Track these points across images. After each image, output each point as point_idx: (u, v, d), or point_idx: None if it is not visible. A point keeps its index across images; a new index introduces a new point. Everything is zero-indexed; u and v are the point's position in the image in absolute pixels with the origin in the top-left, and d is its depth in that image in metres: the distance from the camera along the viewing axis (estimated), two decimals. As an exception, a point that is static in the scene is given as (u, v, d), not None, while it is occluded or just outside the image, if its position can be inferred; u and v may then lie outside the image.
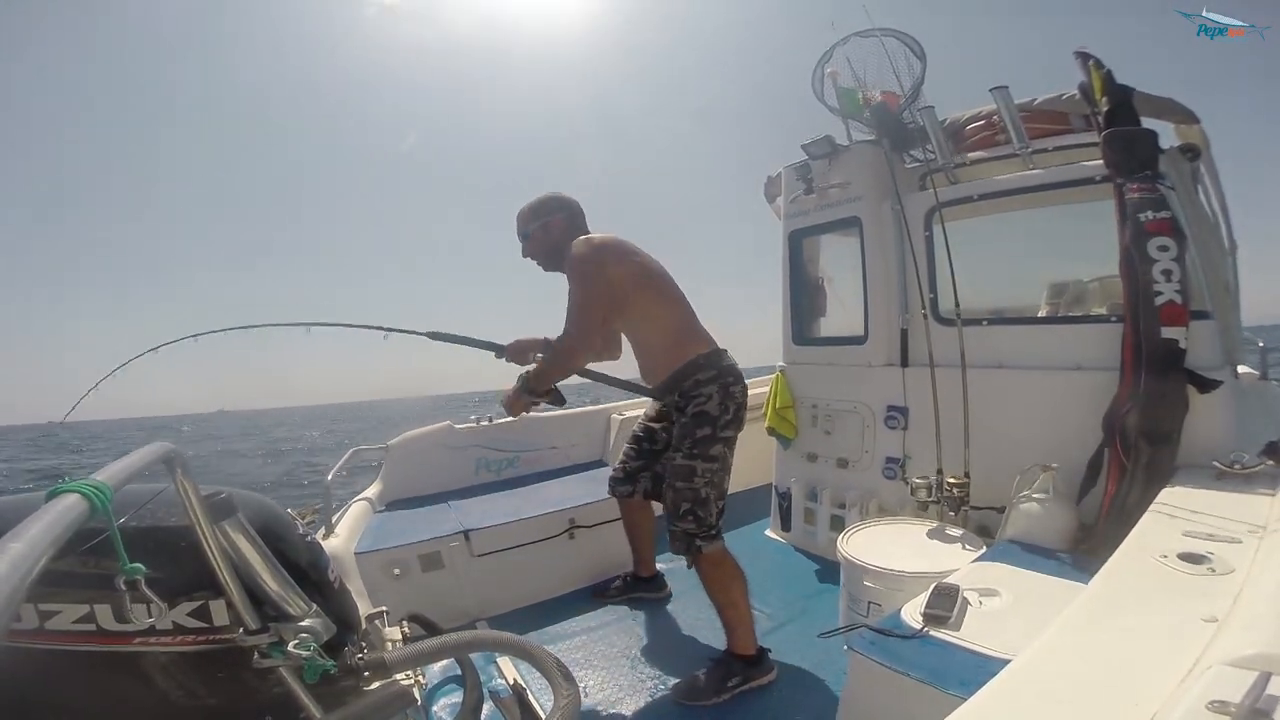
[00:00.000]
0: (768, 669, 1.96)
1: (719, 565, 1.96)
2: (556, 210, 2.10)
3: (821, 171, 2.88)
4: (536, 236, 2.10)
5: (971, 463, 2.29)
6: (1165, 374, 1.86)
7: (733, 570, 1.98)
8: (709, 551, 1.94)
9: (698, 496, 1.92)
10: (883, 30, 2.65)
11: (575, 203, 2.14)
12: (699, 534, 1.93)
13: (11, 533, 0.56)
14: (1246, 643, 0.84)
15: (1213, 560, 1.16)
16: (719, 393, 1.94)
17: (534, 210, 2.11)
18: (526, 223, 2.12)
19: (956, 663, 1.21)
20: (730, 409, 1.96)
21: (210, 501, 1.02)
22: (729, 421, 1.95)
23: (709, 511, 1.93)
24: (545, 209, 2.10)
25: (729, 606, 1.96)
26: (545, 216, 2.10)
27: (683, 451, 1.95)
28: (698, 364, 1.97)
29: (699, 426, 1.93)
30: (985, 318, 2.50)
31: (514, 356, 2.26)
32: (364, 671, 1.19)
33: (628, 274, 1.97)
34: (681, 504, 1.93)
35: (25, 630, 1.02)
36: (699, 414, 1.94)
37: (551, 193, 2.14)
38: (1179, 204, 1.97)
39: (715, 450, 1.93)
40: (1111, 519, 1.88)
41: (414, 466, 3.12)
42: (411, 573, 2.38)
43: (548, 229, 2.09)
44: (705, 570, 1.97)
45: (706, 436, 1.93)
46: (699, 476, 1.92)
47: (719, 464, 1.94)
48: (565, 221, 2.10)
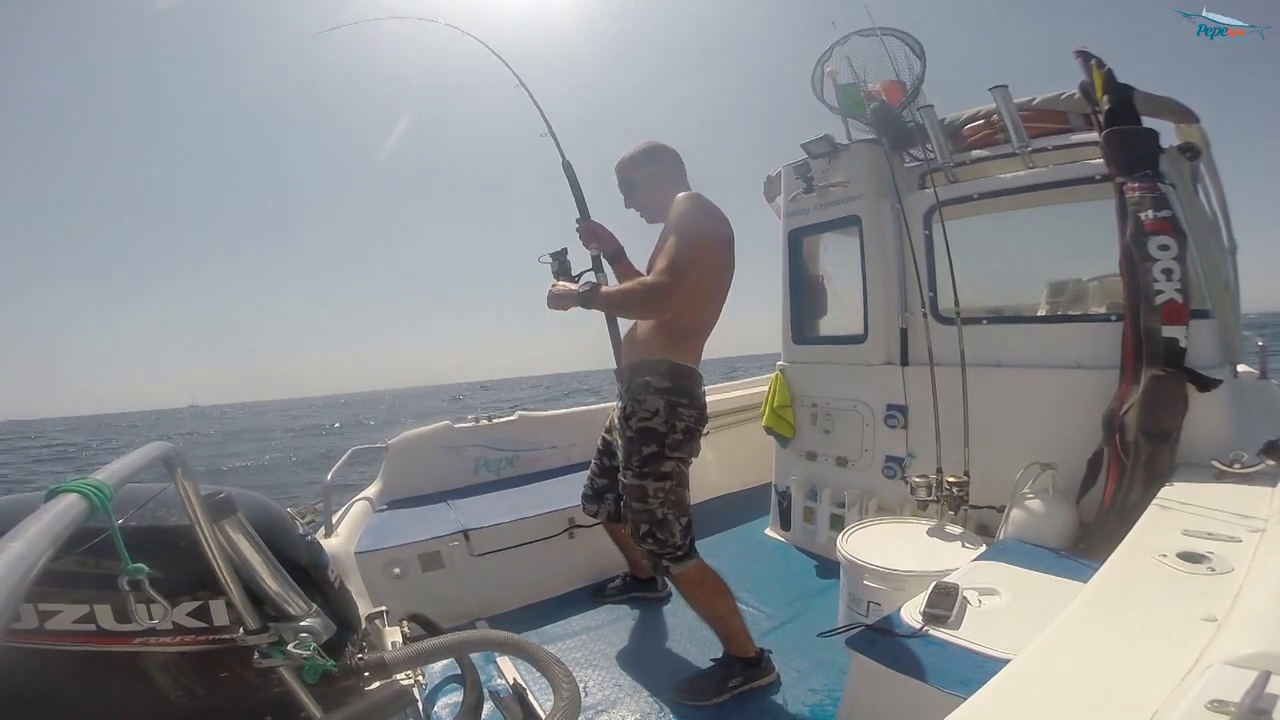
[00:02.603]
0: (768, 670, 1.95)
1: (697, 583, 1.91)
2: (663, 159, 2.02)
3: (821, 170, 2.88)
4: (642, 186, 2.02)
5: (971, 461, 2.29)
6: (1165, 373, 1.85)
7: (712, 585, 1.92)
8: (679, 572, 1.88)
9: (654, 518, 1.84)
10: (883, 29, 2.65)
11: (676, 152, 2.05)
12: (664, 555, 1.86)
13: (11, 533, 0.56)
14: (1246, 642, 0.84)
15: (1212, 559, 1.16)
16: (665, 409, 1.83)
17: (637, 160, 2.03)
18: (632, 171, 2.03)
19: (956, 662, 1.21)
20: (678, 428, 1.85)
21: (210, 501, 1.02)
22: (679, 442, 1.85)
23: (669, 532, 1.85)
24: (650, 158, 2.02)
25: (716, 620, 1.93)
26: (651, 165, 2.02)
27: (632, 469, 1.86)
28: (660, 368, 1.86)
29: (645, 444, 1.84)
30: (985, 316, 2.50)
31: (587, 233, 2.18)
32: (364, 671, 1.19)
33: (717, 261, 1.88)
34: (640, 525, 1.87)
35: (25, 630, 1.02)
36: (644, 430, 1.84)
37: (655, 142, 2.05)
38: (1179, 203, 1.97)
39: (666, 468, 1.84)
40: (1111, 518, 1.88)
41: (413, 466, 3.12)
42: (411, 572, 2.38)
43: (655, 179, 2.00)
44: (682, 589, 1.93)
45: (654, 455, 1.83)
46: (652, 497, 1.84)
47: (673, 481, 1.85)
48: (671, 172, 2.02)
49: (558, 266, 2.10)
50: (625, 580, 2.61)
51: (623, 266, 2.23)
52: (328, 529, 2.49)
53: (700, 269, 1.81)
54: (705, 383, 1.99)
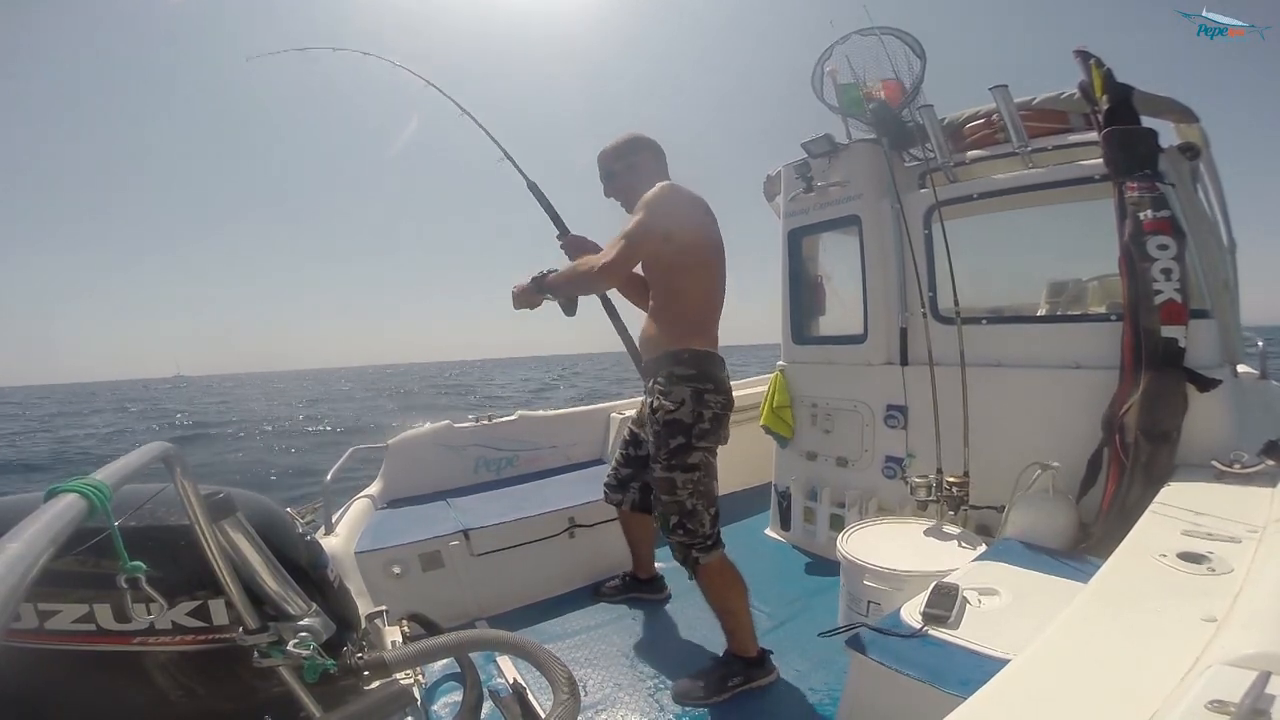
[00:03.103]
0: (769, 670, 1.96)
1: (719, 574, 1.94)
2: (643, 149, 2.08)
3: (821, 170, 2.87)
4: (621, 175, 2.07)
5: (971, 461, 2.29)
6: (1165, 373, 1.86)
7: (732, 578, 1.95)
8: (708, 562, 1.91)
9: (683, 509, 1.88)
10: (883, 29, 2.65)
11: (658, 144, 2.11)
12: (694, 545, 1.90)
13: (10, 533, 0.56)
14: (1246, 642, 0.85)
15: (1212, 560, 1.16)
16: (691, 398, 1.87)
17: (618, 150, 2.08)
18: (611, 161, 2.09)
19: (956, 662, 1.21)
20: (705, 417, 1.88)
21: (209, 501, 1.02)
22: (705, 431, 1.89)
23: (699, 522, 1.89)
24: (631, 148, 2.08)
25: (727, 614, 1.95)
26: (631, 156, 2.07)
27: (661, 463, 1.91)
28: (682, 357, 1.91)
29: (672, 436, 1.88)
30: (984, 316, 2.50)
31: (570, 245, 2.28)
32: (364, 671, 1.19)
33: (694, 239, 1.92)
34: (670, 517, 1.91)
35: (25, 630, 1.02)
36: (670, 422, 1.88)
37: (635, 133, 2.11)
38: (1178, 203, 1.97)
39: (694, 459, 1.88)
40: (1111, 518, 1.88)
41: (413, 465, 3.11)
42: (411, 572, 2.38)
43: (634, 168, 2.05)
44: (703, 579, 1.95)
45: (681, 446, 1.87)
46: (680, 489, 1.88)
47: (701, 472, 1.89)
48: (651, 162, 2.07)
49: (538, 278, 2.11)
50: (625, 580, 2.61)
51: None
52: (327, 528, 2.48)
53: (658, 247, 1.87)
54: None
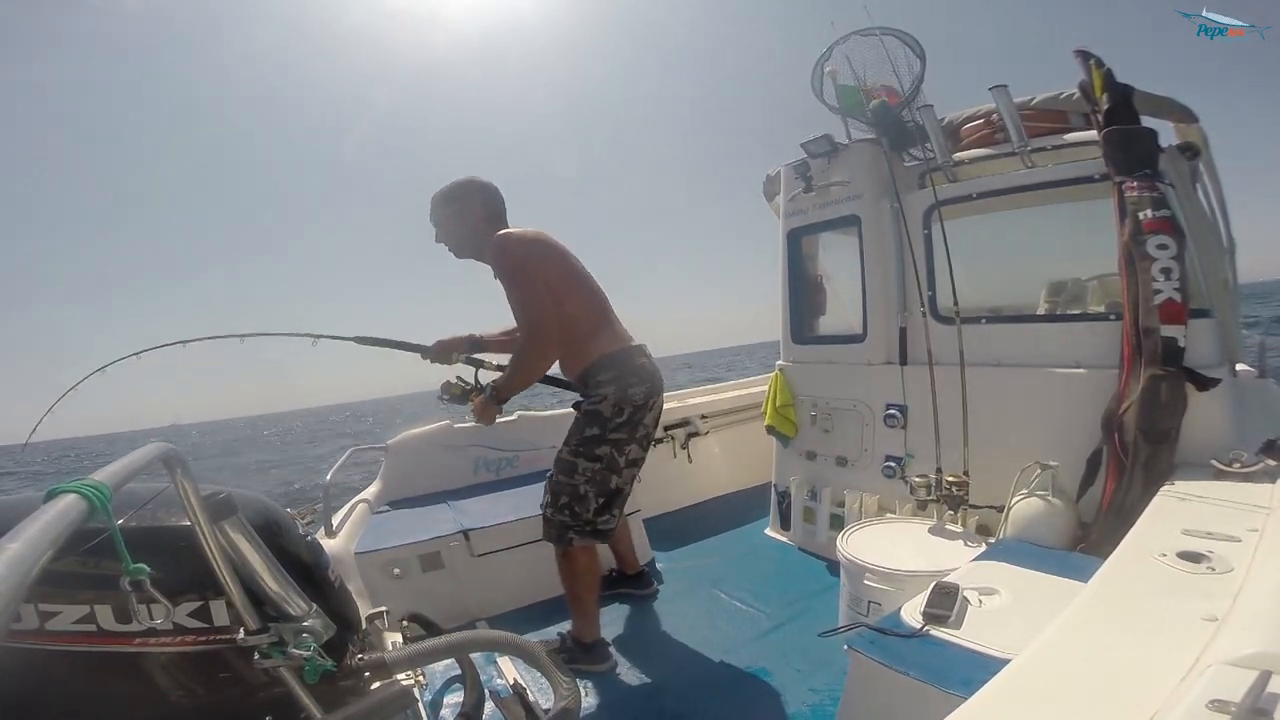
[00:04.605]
0: (601, 659, 2.06)
1: (584, 563, 2.02)
2: (473, 195, 2.06)
3: (820, 170, 2.88)
4: (448, 222, 2.07)
5: (971, 461, 2.29)
6: (1164, 372, 1.86)
7: (593, 570, 2.05)
8: (580, 545, 1.99)
9: (576, 492, 1.96)
10: (882, 29, 2.65)
11: (494, 188, 2.09)
12: (573, 527, 1.97)
13: (10, 533, 0.56)
14: (1246, 642, 0.85)
15: (1212, 559, 1.16)
16: (615, 393, 1.94)
17: (446, 195, 2.06)
18: (439, 208, 2.07)
19: (956, 662, 1.21)
20: (625, 411, 1.94)
21: (210, 501, 1.02)
22: (621, 424, 1.94)
23: (586, 508, 1.96)
24: (458, 194, 2.06)
25: (577, 600, 2.04)
26: (458, 202, 2.05)
27: (569, 446, 1.99)
28: (600, 364, 1.97)
29: (588, 425, 1.96)
30: (984, 316, 2.50)
31: (439, 356, 2.25)
32: (364, 671, 1.20)
33: (554, 272, 1.96)
34: (560, 495, 1.98)
35: (25, 630, 1.02)
36: (590, 412, 1.96)
37: (468, 177, 2.09)
38: (1178, 202, 1.97)
39: (600, 451, 1.94)
40: (1111, 517, 1.88)
41: (413, 466, 3.11)
42: (411, 573, 2.38)
43: (461, 215, 2.05)
44: (567, 563, 2.02)
45: (593, 436, 1.94)
46: (579, 474, 1.95)
47: (603, 465, 1.95)
48: (482, 209, 2.05)
49: (460, 393, 2.13)
50: (612, 574, 2.62)
51: (489, 342, 2.32)
52: (328, 529, 2.48)
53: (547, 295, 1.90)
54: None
